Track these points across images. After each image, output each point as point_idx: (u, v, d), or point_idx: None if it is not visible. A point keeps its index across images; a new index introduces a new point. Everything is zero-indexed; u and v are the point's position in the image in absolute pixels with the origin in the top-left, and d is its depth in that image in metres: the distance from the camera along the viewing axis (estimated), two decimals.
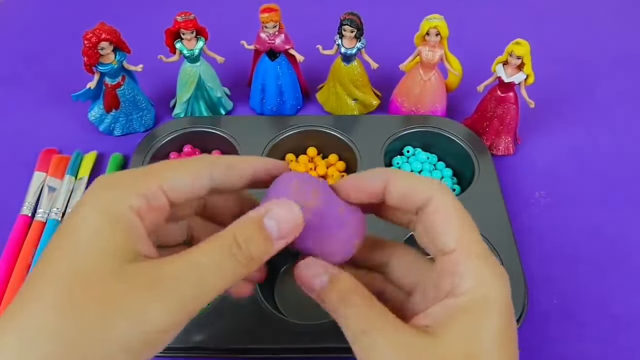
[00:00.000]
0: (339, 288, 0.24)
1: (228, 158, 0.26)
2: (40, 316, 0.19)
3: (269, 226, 0.23)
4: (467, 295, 0.22)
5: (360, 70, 0.57)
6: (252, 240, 0.23)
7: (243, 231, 0.23)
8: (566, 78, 0.65)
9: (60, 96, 0.61)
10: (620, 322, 0.44)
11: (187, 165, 0.24)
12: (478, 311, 0.22)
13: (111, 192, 0.22)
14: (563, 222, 0.51)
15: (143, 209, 0.22)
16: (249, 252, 0.23)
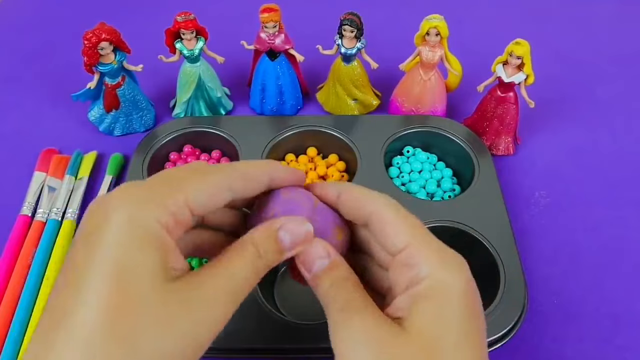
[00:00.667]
0: (335, 275, 0.26)
1: (244, 167, 0.27)
2: (92, 317, 0.20)
3: (282, 238, 0.26)
4: (425, 281, 0.24)
5: (360, 70, 0.57)
6: (269, 252, 0.25)
7: (262, 243, 0.25)
8: (566, 78, 0.65)
9: (60, 96, 0.61)
10: (620, 322, 0.44)
11: (209, 179, 0.25)
12: (438, 297, 0.23)
13: (143, 209, 0.22)
14: (563, 222, 0.51)
15: (171, 224, 0.23)
16: (267, 262, 0.25)
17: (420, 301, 0.23)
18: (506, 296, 0.42)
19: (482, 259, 0.45)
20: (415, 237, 0.25)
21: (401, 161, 0.54)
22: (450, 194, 0.52)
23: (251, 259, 0.25)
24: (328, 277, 0.26)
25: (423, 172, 0.54)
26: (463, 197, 0.50)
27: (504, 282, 0.43)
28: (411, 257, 0.25)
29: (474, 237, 0.46)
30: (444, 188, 0.52)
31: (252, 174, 0.27)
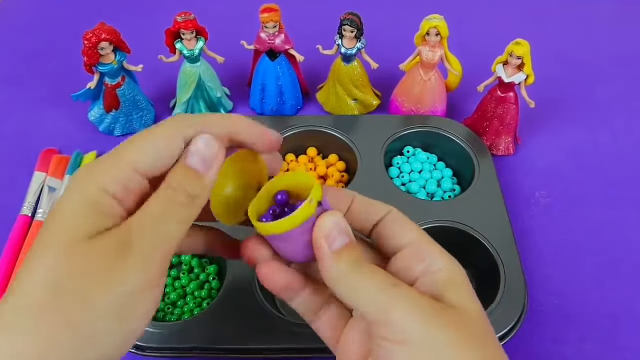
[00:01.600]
0: (357, 254, 0.26)
1: (200, 119, 0.26)
2: (30, 291, 0.21)
3: (192, 163, 0.25)
4: (442, 272, 0.26)
5: (360, 70, 0.57)
6: (183, 181, 0.24)
7: (173, 177, 0.24)
8: (566, 78, 0.65)
9: (60, 96, 0.61)
10: (620, 322, 0.44)
11: (156, 137, 0.24)
12: (463, 283, 0.27)
13: (88, 182, 0.23)
14: (563, 222, 0.51)
15: (120, 193, 0.23)
16: (185, 191, 0.24)
17: (450, 285, 0.26)
18: (506, 296, 0.42)
19: (482, 259, 0.45)
20: (422, 235, 0.28)
21: (401, 161, 0.54)
22: (450, 194, 0.52)
23: (162, 195, 0.24)
24: (350, 256, 0.25)
25: (423, 172, 0.54)
26: (463, 197, 0.50)
27: (504, 282, 0.43)
28: (423, 251, 0.27)
29: (474, 237, 0.46)
30: (444, 188, 0.52)
31: (208, 122, 0.25)
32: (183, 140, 0.25)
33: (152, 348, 0.40)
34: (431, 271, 0.26)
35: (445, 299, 0.25)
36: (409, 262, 0.27)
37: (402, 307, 0.24)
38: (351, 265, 0.25)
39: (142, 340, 0.39)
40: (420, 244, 0.27)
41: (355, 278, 0.25)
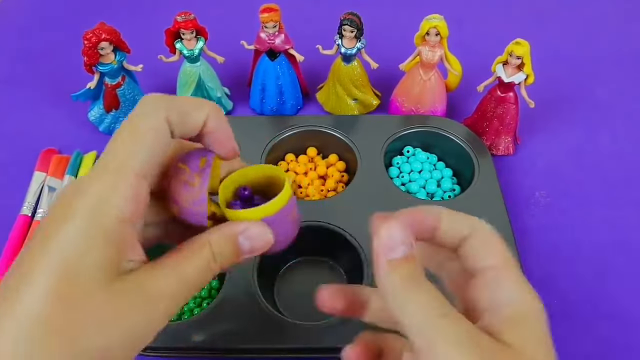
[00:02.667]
0: (413, 267, 0.23)
1: (174, 102, 0.24)
2: (36, 308, 0.20)
3: (242, 244, 0.25)
4: (515, 305, 0.24)
5: (360, 70, 0.57)
6: (225, 255, 0.24)
7: (219, 246, 0.24)
8: (566, 78, 0.65)
9: (60, 96, 0.61)
10: (620, 322, 0.44)
11: (144, 135, 0.23)
12: (532, 321, 0.24)
13: (104, 204, 0.22)
14: (563, 222, 0.51)
15: (133, 210, 0.22)
16: (222, 265, 0.24)
17: (515, 322, 0.23)
18: None
19: None
20: (506, 261, 0.25)
21: (401, 161, 0.54)
22: (450, 194, 0.52)
23: (206, 261, 0.24)
24: (407, 268, 0.23)
25: (423, 172, 0.54)
26: (463, 197, 0.50)
27: None
28: (495, 279, 0.24)
29: None
30: (444, 188, 0.52)
31: (184, 109, 0.24)
32: (169, 128, 0.24)
33: (152, 348, 0.40)
34: (501, 303, 0.24)
35: (505, 338, 0.22)
36: (479, 293, 0.24)
37: (448, 339, 0.21)
38: (406, 278, 0.22)
39: None
40: (497, 270, 0.24)
41: (406, 293, 0.22)
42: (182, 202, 0.25)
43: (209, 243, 0.24)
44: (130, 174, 0.22)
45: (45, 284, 0.20)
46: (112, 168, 0.22)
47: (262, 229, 0.25)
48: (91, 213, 0.21)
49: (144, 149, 0.23)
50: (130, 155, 0.23)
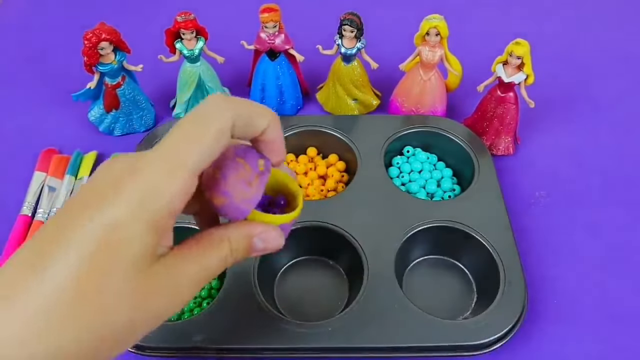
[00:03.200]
0: None
1: (244, 109, 0.25)
2: (71, 271, 0.21)
3: (256, 244, 0.27)
4: None
5: (360, 70, 0.57)
6: (239, 251, 0.27)
7: (237, 242, 0.27)
8: (566, 78, 0.65)
9: (60, 96, 0.61)
10: (620, 322, 0.44)
11: (210, 136, 0.24)
12: None
13: (153, 191, 0.23)
14: (563, 222, 0.51)
15: (180, 207, 0.24)
16: (235, 259, 0.27)
17: None
18: (506, 296, 0.42)
19: (482, 259, 0.45)
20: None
21: (401, 161, 0.54)
22: (450, 194, 0.52)
23: (224, 254, 0.26)
24: None
25: (423, 172, 0.54)
26: (463, 197, 0.50)
27: (504, 282, 0.43)
28: None
29: (474, 237, 0.46)
30: (444, 188, 0.52)
31: (252, 117, 0.26)
32: (230, 134, 0.25)
33: (152, 348, 0.40)
34: None
35: None
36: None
37: None
38: None
39: (142, 340, 0.39)
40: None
41: None
42: (235, 197, 0.26)
43: (229, 239, 0.26)
44: (186, 171, 0.23)
45: (83, 250, 0.21)
46: (170, 159, 0.23)
47: (277, 234, 0.28)
48: (142, 198, 0.22)
49: (205, 148, 0.24)
50: (191, 152, 0.23)
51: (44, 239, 0.22)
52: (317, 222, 0.46)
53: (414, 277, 0.47)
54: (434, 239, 0.47)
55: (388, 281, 0.43)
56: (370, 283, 0.43)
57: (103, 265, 0.21)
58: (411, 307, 0.41)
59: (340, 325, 0.40)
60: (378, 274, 0.43)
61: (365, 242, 0.45)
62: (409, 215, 0.47)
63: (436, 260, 0.48)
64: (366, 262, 0.44)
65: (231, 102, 0.25)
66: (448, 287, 0.46)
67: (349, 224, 0.46)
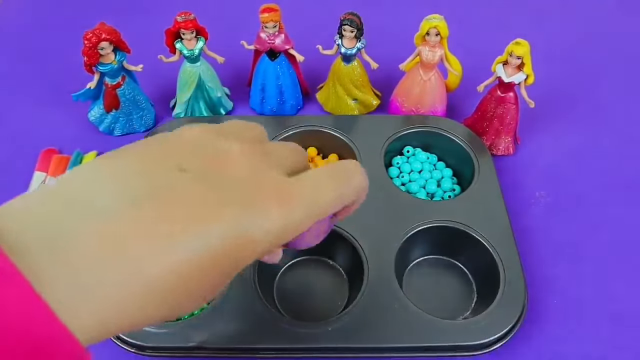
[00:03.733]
0: None
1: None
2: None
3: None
4: None
5: (360, 70, 0.57)
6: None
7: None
8: (566, 78, 0.65)
9: (60, 96, 0.61)
10: (621, 322, 0.44)
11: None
12: None
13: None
14: (563, 222, 0.51)
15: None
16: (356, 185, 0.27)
17: None
18: (506, 296, 0.42)
19: (482, 259, 0.45)
20: None
21: (401, 161, 0.54)
22: (450, 194, 0.52)
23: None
24: None
25: (423, 172, 0.54)
26: (463, 197, 0.50)
27: (504, 282, 0.43)
28: None
29: (474, 237, 0.46)
30: (444, 188, 0.52)
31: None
32: None
33: (152, 348, 0.40)
34: None
35: None
36: None
37: None
38: None
39: (142, 340, 0.39)
40: None
41: None
42: (308, 244, 0.29)
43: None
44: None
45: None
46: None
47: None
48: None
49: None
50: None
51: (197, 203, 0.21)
52: None
53: (414, 277, 0.47)
54: (434, 239, 0.47)
55: (388, 281, 0.43)
56: (370, 283, 0.43)
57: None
58: (411, 307, 0.41)
59: (340, 325, 0.40)
60: (378, 274, 0.43)
61: (365, 242, 0.45)
62: (409, 215, 0.47)
63: (436, 260, 0.48)
64: (366, 262, 0.44)
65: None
66: (448, 287, 0.46)
67: (349, 224, 0.46)
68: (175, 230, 0.19)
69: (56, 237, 0.18)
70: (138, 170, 0.21)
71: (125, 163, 0.21)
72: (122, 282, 0.18)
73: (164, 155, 0.22)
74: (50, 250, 0.18)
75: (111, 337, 0.19)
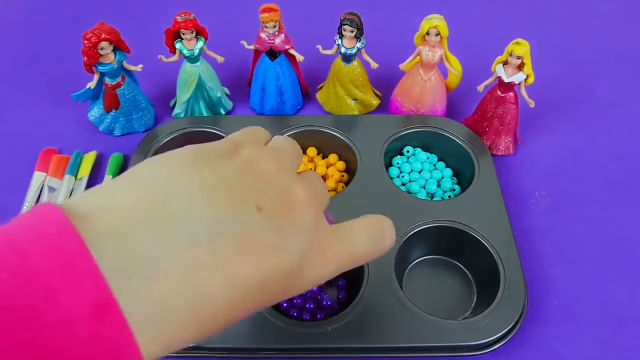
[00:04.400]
0: None
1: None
2: None
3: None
4: None
5: (360, 70, 0.57)
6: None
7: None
8: (566, 78, 0.65)
9: (60, 96, 0.61)
10: (621, 322, 0.44)
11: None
12: None
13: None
14: (563, 222, 0.51)
15: None
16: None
17: None
18: (506, 296, 0.42)
19: (482, 259, 0.45)
20: None
21: (401, 161, 0.54)
22: (450, 194, 0.52)
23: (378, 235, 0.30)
24: None
25: (423, 172, 0.54)
26: (463, 197, 0.50)
27: (504, 282, 0.43)
28: None
29: (474, 237, 0.46)
30: (444, 188, 0.52)
31: None
32: None
33: None
34: None
35: None
36: None
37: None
38: None
39: None
40: None
41: None
42: None
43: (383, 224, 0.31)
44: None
45: None
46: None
47: None
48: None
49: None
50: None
51: None
52: None
53: (414, 277, 0.47)
54: (434, 239, 0.47)
55: (388, 281, 0.43)
56: (370, 283, 0.43)
57: None
58: (411, 307, 0.41)
59: (340, 325, 0.40)
60: (378, 274, 0.43)
61: None
62: (409, 215, 0.47)
63: (436, 260, 0.48)
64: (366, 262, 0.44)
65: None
66: (448, 287, 0.46)
67: None
68: (241, 269, 0.21)
69: (144, 261, 0.19)
70: (225, 201, 0.22)
71: (215, 188, 0.22)
72: (191, 310, 0.20)
73: (248, 191, 0.23)
74: (140, 275, 0.19)
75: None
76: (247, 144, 0.27)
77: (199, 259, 0.20)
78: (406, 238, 0.46)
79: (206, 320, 0.21)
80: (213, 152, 0.25)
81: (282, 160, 0.26)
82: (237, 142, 0.27)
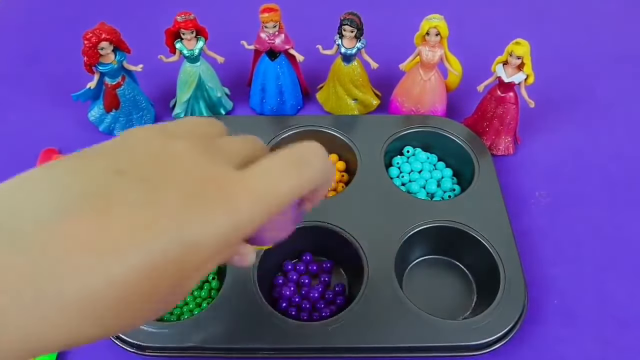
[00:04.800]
0: None
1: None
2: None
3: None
4: None
5: (360, 70, 0.57)
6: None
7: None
8: (566, 78, 0.65)
9: (60, 96, 0.61)
10: (620, 322, 0.44)
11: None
12: None
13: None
14: (563, 222, 0.51)
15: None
16: (315, 172, 0.24)
17: None
18: (506, 296, 0.42)
19: (482, 259, 0.45)
20: None
21: (401, 161, 0.54)
22: (450, 194, 0.52)
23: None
24: None
25: (423, 172, 0.54)
26: (463, 197, 0.50)
27: (504, 282, 0.43)
28: None
29: (474, 237, 0.46)
30: (444, 188, 0.52)
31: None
32: None
33: (152, 348, 0.40)
34: None
35: None
36: None
37: None
38: None
39: (142, 340, 0.39)
40: None
41: None
42: (267, 241, 0.27)
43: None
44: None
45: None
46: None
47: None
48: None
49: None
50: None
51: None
52: (317, 222, 0.46)
53: (414, 277, 0.47)
54: (434, 239, 0.47)
55: (388, 281, 0.43)
56: (370, 283, 0.43)
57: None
58: (411, 307, 0.41)
59: (340, 325, 0.40)
60: (378, 274, 0.43)
61: (365, 242, 0.45)
62: (409, 215, 0.47)
63: (436, 260, 0.48)
64: (366, 262, 0.44)
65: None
66: (448, 287, 0.46)
67: (349, 224, 0.46)
68: (107, 246, 0.18)
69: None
70: (72, 178, 0.19)
71: (61, 172, 0.20)
72: (56, 300, 0.17)
73: (102, 160, 0.20)
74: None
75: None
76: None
77: (48, 245, 0.17)
78: (406, 238, 0.46)
79: (83, 312, 0.18)
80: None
81: (204, 145, 0.23)
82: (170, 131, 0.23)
